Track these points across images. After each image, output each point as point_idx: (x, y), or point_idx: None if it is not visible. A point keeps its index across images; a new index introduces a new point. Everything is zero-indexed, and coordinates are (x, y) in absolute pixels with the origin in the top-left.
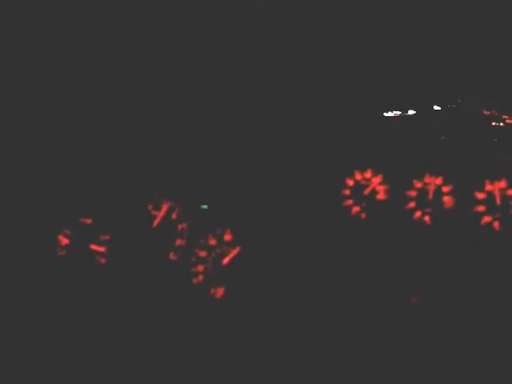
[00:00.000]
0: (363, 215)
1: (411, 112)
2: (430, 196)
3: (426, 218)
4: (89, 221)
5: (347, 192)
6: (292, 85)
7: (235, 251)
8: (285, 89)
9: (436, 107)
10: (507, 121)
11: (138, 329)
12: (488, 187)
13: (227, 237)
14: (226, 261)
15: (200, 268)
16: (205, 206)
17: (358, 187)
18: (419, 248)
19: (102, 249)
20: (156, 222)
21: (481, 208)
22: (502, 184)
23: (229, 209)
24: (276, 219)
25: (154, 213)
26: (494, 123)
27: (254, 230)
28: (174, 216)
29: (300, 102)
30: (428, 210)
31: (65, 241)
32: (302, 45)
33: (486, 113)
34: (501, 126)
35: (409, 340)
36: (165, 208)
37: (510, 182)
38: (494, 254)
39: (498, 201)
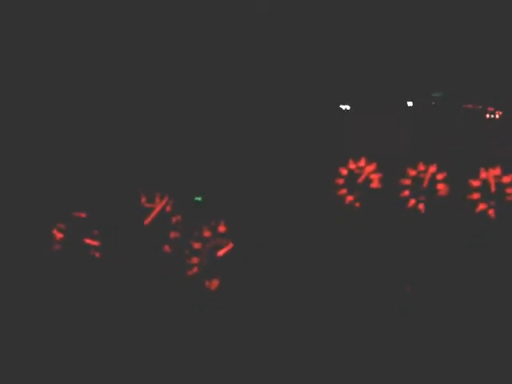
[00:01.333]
0: (357, 204)
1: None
2: (425, 184)
3: (421, 206)
4: (83, 215)
5: (341, 181)
6: (288, 79)
7: (230, 245)
8: (280, 83)
9: (410, 103)
10: (497, 112)
11: (134, 321)
12: (483, 175)
13: (221, 228)
14: (220, 253)
15: (195, 260)
16: (199, 198)
17: (352, 176)
18: (414, 236)
19: (96, 242)
20: (152, 216)
21: (476, 195)
22: (497, 171)
23: (223, 201)
24: (270, 210)
25: (148, 205)
26: (488, 115)
27: (248, 221)
28: (168, 209)
29: (294, 93)
30: (422, 198)
31: (59, 235)
32: (301, 44)
33: (468, 106)
34: (494, 118)
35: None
36: (159, 201)
37: (505, 169)
38: (490, 241)
39: (493, 188)
